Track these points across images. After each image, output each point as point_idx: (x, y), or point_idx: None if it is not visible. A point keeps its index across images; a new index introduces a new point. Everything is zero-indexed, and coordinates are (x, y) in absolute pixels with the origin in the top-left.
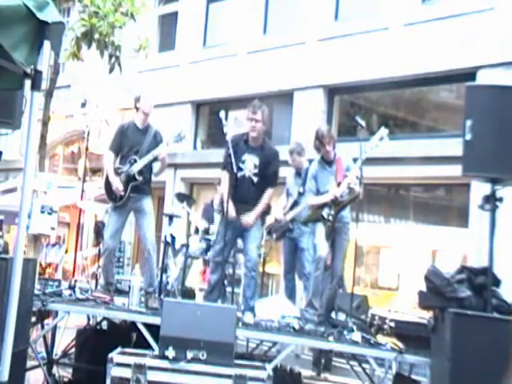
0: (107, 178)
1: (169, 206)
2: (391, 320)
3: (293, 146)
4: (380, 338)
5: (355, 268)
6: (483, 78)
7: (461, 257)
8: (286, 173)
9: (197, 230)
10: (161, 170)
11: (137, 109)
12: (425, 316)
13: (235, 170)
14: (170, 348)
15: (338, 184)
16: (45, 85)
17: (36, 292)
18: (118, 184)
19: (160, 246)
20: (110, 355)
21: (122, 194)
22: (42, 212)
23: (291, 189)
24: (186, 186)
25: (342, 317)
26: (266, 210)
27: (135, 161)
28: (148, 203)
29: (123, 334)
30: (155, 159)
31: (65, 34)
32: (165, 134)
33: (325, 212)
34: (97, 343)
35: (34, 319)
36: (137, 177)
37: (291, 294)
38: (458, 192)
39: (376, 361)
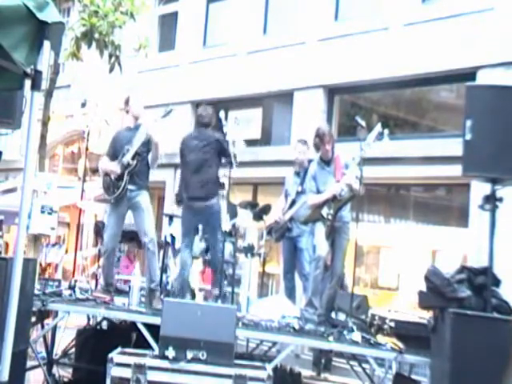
0: (104, 174)
1: (169, 206)
2: (391, 320)
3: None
4: (380, 338)
5: (355, 268)
6: (483, 78)
7: (461, 257)
8: (284, 173)
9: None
10: (155, 156)
11: (126, 111)
12: (425, 316)
13: None
14: (170, 348)
15: (337, 182)
16: (45, 85)
17: (36, 292)
18: (112, 166)
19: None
20: (110, 355)
21: (119, 172)
22: (42, 212)
23: (290, 189)
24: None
25: (341, 317)
26: (265, 210)
27: (128, 150)
28: (145, 199)
29: (123, 334)
30: (148, 149)
31: (65, 34)
32: (164, 134)
33: (324, 211)
34: (97, 343)
35: (34, 319)
36: (130, 162)
37: (291, 293)
38: (458, 192)
39: (376, 361)
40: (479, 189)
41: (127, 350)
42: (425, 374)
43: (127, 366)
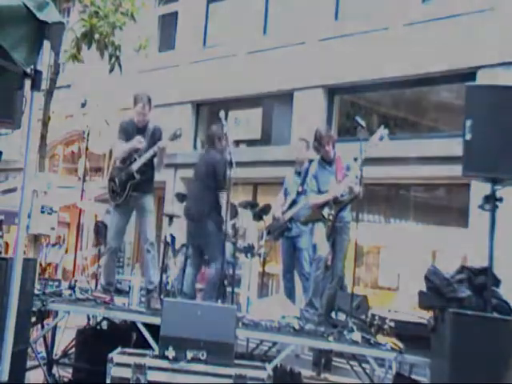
0: (110, 177)
1: (169, 206)
2: (391, 320)
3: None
4: (380, 338)
5: (355, 268)
6: (483, 78)
7: (461, 257)
8: (284, 173)
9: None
10: (160, 161)
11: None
12: (425, 316)
13: None
14: (170, 348)
15: (339, 183)
16: (45, 85)
17: (36, 292)
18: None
19: (160, 245)
20: (110, 355)
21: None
22: (42, 212)
23: (290, 188)
24: (186, 186)
25: (341, 317)
26: (265, 210)
27: (135, 159)
28: (149, 201)
29: (123, 334)
30: (155, 155)
31: (65, 35)
32: (164, 134)
33: (325, 212)
34: (97, 343)
35: (34, 319)
36: (135, 175)
37: (290, 293)
38: (458, 192)
39: (376, 361)
40: (479, 189)
41: (127, 349)
42: (425, 373)
43: (127, 365)
